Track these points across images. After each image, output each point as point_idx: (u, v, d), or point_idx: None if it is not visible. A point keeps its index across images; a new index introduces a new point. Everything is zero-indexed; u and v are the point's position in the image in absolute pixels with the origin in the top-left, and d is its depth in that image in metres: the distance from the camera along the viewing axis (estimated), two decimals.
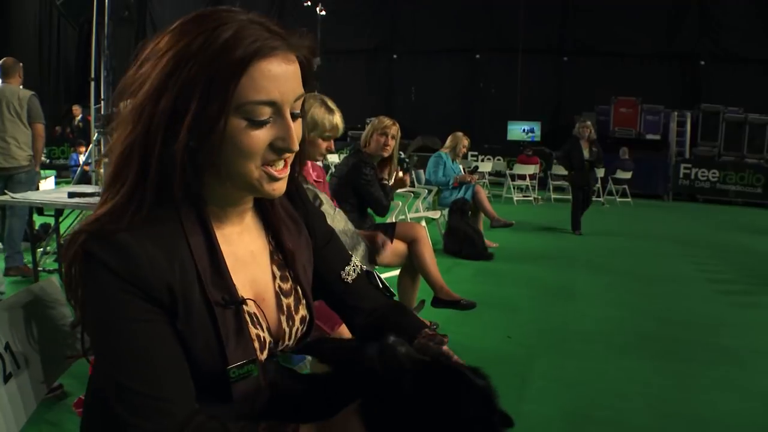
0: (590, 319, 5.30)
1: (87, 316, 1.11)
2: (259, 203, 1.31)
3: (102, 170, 7.38)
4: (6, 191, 5.53)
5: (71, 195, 4.40)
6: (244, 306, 1.19)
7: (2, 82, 6.09)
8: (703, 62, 19.44)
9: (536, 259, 7.83)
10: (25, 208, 5.46)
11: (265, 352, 1.23)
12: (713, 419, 3.51)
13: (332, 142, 3.49)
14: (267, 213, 1.32)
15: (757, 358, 4.57)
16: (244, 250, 1.25)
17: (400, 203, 7.20)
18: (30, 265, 5.59)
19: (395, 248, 4.25)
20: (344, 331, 2.87)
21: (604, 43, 19.63)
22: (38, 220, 6.17)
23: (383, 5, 22.34)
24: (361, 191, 4.51)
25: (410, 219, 7.20)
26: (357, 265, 1.51)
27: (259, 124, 1.08)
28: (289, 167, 1.18)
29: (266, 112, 1.08)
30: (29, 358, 1.42)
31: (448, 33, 21.15)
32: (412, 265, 4.31)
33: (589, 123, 9.83)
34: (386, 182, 4.73)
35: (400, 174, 4.93)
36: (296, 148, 1.14)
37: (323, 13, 17.96)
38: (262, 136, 1.09)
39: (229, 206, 1.21)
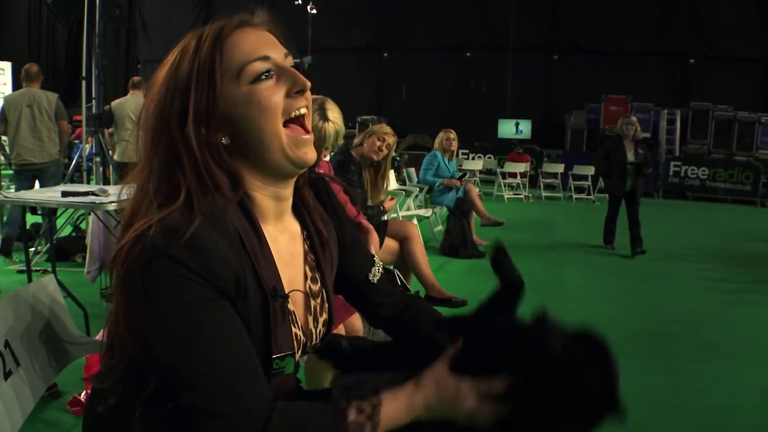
0: (582, 316, 5.29)
1: (154, 313, 1.09)
2: (295, 206, 1.35)
3: (93, 167, 7.38)
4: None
5: (65, 194, 4.39)
6: (287, 302, 1.23)
7: (25, 85, 6.93)
8: (692, 60, 19.54)
9: (527, 257, 7.86)
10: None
11: (299, 352, 1.26)
12: (704, 414, 3.55)
13: (325, 151, 3.23)
14: (302, 215, 1.36)
15: (747, 354, 4.61)
16: (285, 249, 1.29)
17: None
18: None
19: (387, 246, 4.27)
20: (340, 331, 2.89)
21: (595, 41, 19.70)
22: (29, 219, 6.17)
23: (374, 3, 22.34)
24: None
25: (402, 217, 7.21)
26: (380, 265, 1.58)
27: (264, 79, 1.17)
28: (309, 131, 1.24)
29: (265, 65, 1.17)
30: (28, 355, 1.43)
31: (439, 31, 21.15)
32: (404, 263, 4.33)
33: (634, 119, 8.42)
34: (382, 209, 4.67)
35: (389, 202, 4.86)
36: (308, 84, 1.22)
37: (314, 11, 17.96)
38: (273, 89, 1.18)
39: (272, 200, 1.25)
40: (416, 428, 1.20)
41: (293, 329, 1.23)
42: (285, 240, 1.30)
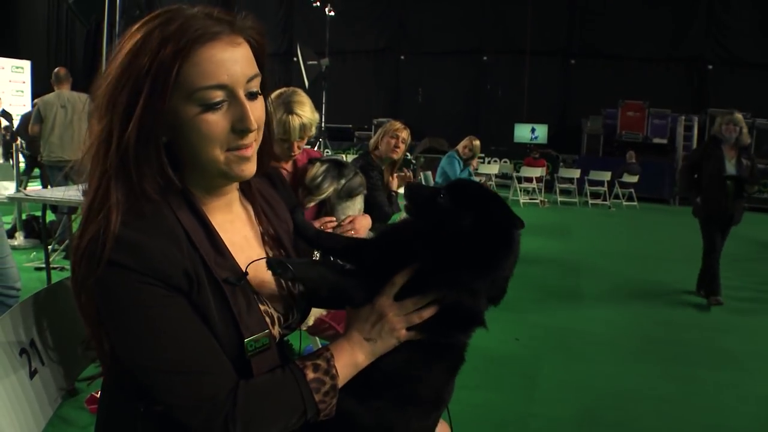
0: (597, 322, 5.31)
1: (112, 321, 1.13)
2: (243, 192, 1.37)
3: None
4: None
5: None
6: (248, 285, 1.24)
7: (56, 88, 7.28)
8: (710, 66, 19.43)
9: (543, 262, 7.84)
10: None
11: (276, 327, 1.28)
12: (718, 423, 3.53)
13: (298, 143, 3.03)
14: (251, 200, 1.38)
15: (762, 363, 4.58)
16: (238, 236, 1.30)
17: None
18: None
19: None
20: None
21: (612, 46, 19.63)
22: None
23: (391, 6, 22.38)
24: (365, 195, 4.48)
25: None
26: (317, 255, 1.62)
27: (213, 109, 1.12)
28: (255, 146, 1.21)
29: (218, 96, 1.11)
30: (53, 354, 1.45)
31: (456, 34, 21.16)
32: None
33: (739, 118, 6.15)
34: (395, 192, 4.73)
35: (407, 173, 4.92)
36: (254, 127, 1.16)
37: (332, 13, 17.97)
38: (220, 121, 1.13)
39: (216, 197, 1.26)
40: None
41: (261, 307, 1.25)
42: (237, 227, 1.31)
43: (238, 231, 1.31)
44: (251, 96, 1.17)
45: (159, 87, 1.09)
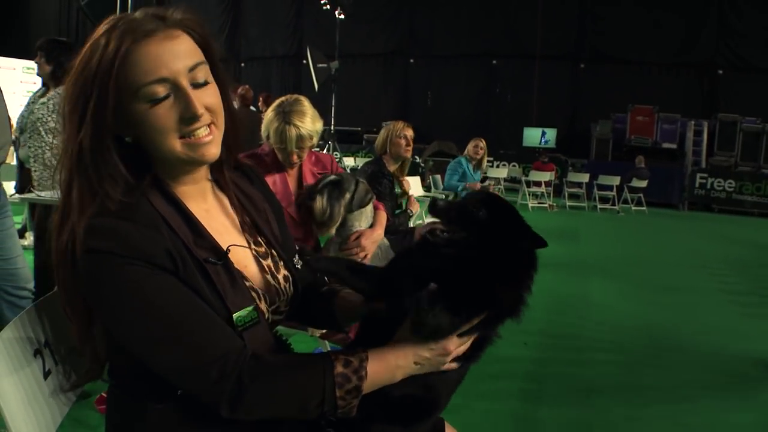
0: (605, 327, 5.30)
1: (104, 307, 1.17)
2: (216, 182, 1.41)
3: None
4: None
5: None
6: (231, 263, 1.27)
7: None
8: (720, 71, 19.35)
9: (551, 267, 7.82)
10: None
11: (263, 303, 1.32)
12: (725, 430, 3.53)
13: (297, 153, 2.99)
14: (226, 191, 1.42)
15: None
16: (216, 222, 1.34)
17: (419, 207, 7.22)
18: None
19: None
20: None
21: (622, 51, 19.58)
22: None
23: (401, 9, 22.38)
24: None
25: (427, 223, 7.20)
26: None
27: (159, 102, 1.17)
28: (215, 131, 1.25)
29: (161, 90, 1.16)
30: (66, 355, 1.47)
31: (465, 38, 21.15)
32: None
33: None
34: (410, 212, 4.75)
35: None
36: (201, 112, 1.20)
37: (342, 16, 17.97)
38: (168, 113, 1.18)
39: (188, 185, 1.30)
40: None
41: (246, 283, 1.29)
42: (214, 215, 1.35)
43: (214, 218, 1.35)
44: (197, 85, 1.21)
45: (103, 91, 1.14)
